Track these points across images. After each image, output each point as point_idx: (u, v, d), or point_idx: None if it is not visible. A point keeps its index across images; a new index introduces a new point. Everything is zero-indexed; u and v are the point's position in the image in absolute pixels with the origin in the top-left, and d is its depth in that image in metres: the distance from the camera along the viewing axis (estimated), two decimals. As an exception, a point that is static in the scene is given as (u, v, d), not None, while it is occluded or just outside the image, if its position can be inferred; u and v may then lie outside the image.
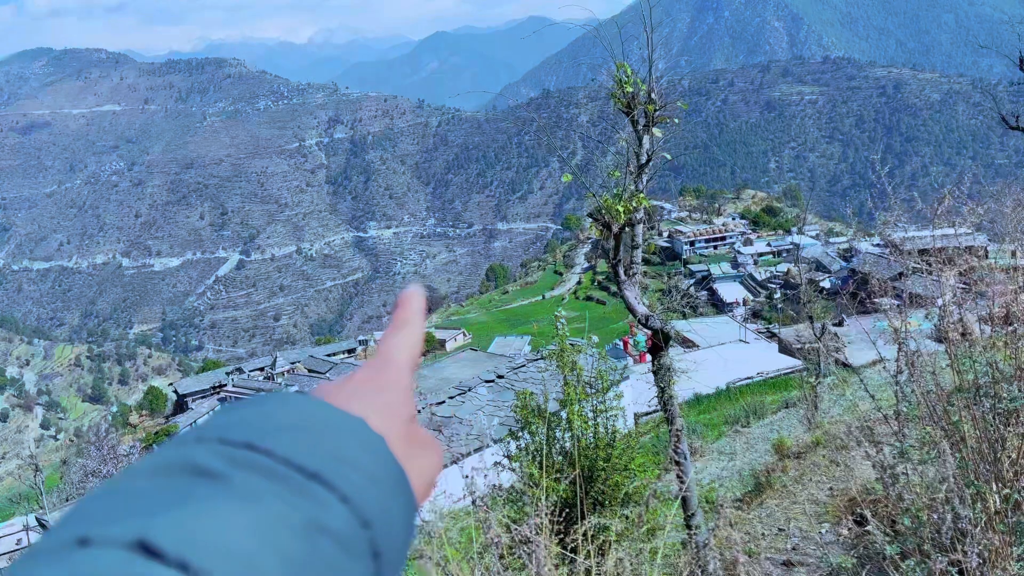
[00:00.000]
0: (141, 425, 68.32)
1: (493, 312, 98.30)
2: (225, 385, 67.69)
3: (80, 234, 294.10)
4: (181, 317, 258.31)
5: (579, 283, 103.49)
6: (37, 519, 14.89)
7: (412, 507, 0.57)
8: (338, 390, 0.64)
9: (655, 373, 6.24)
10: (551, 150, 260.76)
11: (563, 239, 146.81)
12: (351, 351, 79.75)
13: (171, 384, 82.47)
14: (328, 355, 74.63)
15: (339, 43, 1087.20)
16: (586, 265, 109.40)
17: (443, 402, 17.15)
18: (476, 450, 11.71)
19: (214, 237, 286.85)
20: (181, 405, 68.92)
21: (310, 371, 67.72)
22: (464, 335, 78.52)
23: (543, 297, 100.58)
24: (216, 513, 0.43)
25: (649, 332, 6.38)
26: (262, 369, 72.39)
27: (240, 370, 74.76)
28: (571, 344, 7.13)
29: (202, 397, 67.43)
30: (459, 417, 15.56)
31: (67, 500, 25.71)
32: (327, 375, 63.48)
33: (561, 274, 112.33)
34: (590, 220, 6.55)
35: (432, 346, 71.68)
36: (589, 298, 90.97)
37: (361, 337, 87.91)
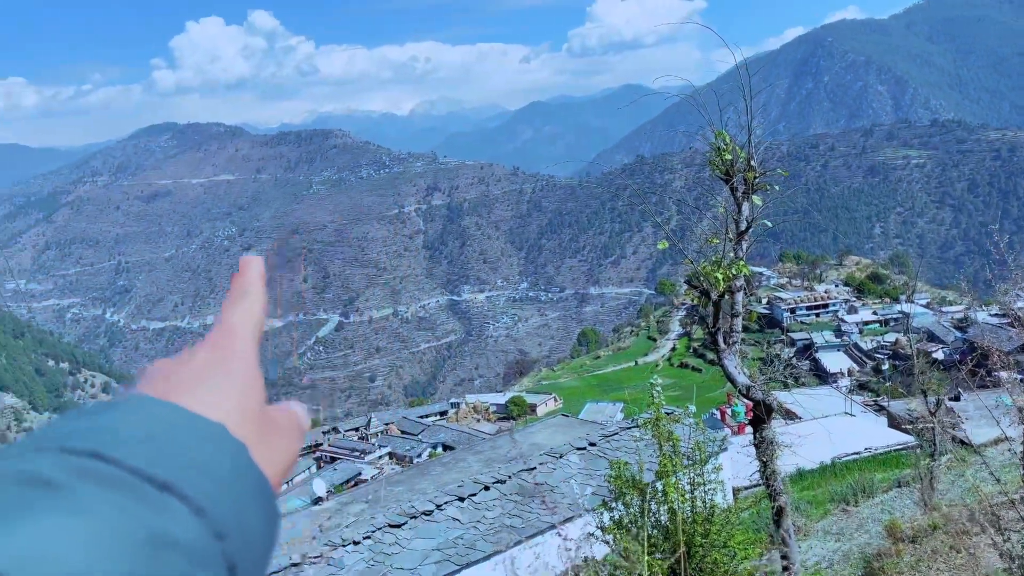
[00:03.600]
0: (241, 481, 70.18)
1: (585, 377, 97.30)
2: (321, 444, 69.12)
3: (193, 296, 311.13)
4: (282, 376, 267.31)
5: (673, 349, 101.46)
6: None
7: (275, 515, 0.54)
8: (181, 376, 0.59)
9: (757, 446, 6.00)
10: (646, 215, 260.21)
11: (656, 304, 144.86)
12: (443, 413, 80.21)
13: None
14: (421, 417, 75.29)
15: (439, 114, 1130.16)
16: (681, 331, 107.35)
17: (534, 468, 16.96)
18: (568, 519, 11.47)
19: (316, 299, 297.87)
20: (279, 462, 70.63)
21: (403, 432, 68.47)
22: (555, 400, 77.89)
23: (636, 363, 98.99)
24: (50, 528, 0.40)
25: (750, 403, 6.16)
26: (357, 429, 73.59)
27: (336, 430, 76.20)
28: (667, 413, 6.96)
29: (299, 456, 68.96)
30: (550, 485, 15.33)
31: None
32: (419, 437, 64.02)
33: (655, 340, 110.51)
34: (687, 286, 6.46)
35: (523, 410, 71.41)
36: (684, 365, 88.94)
37: (453, 399, 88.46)
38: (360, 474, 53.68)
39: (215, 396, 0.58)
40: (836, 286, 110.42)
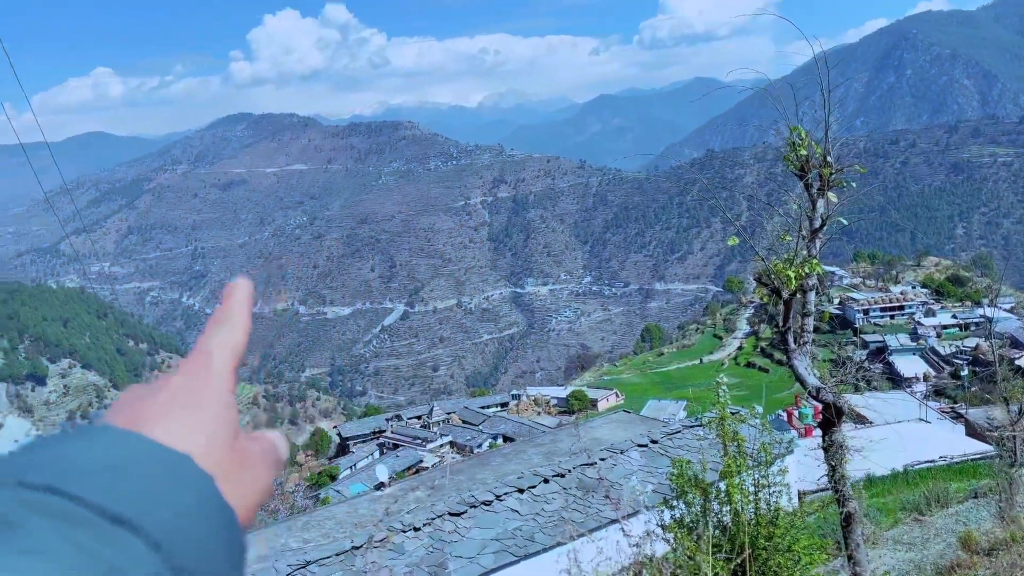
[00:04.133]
0: (306, 465, 72.13)
1: (647, 374, 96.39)
2: (384, 431, 70.39)
3: (265, 282, 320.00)
4: (348, 363, 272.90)
5: (740, 348, 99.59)
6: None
7: (240, 547, 0.53)
8: (153, 404, 0.58)
9: (826, 450, 5.84)
10: (715, 211, 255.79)
11: (724, 302, 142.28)
12: (504, 405, 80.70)
13: (335, 427, 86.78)
14: (482, 407, 75.91)
15: (507, 107, 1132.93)
16: (748, 330, 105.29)
17: (594, 463, 16.90)
18: (628, 516, 11.39)
19: (382, 288, 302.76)
20: (343, 448, 72.26)
21: (464, 422, 69.13)
22: (617, 396, 77.44)
23: (701, 361, 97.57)
24: (1, 568, 0.39)
25: (820, 405, 6.00)
26: (419, 417, 74.68)
27: (399, 417, 77.54)
28: (733, 412, 6.85)
29: (363, 441, 70.42)
30: (610, 480, 15.25)
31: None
32: (480, 427, 64.53)
33: (721, 338, 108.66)
34: (756, 284, 6.32)
35: (584, 405, 71.22)
36: (750, 364, 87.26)
37: (514, 391, 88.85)
38: (421, 461, 54.52)
39: (184, 426, 0.56)
40: (913, 287, 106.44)
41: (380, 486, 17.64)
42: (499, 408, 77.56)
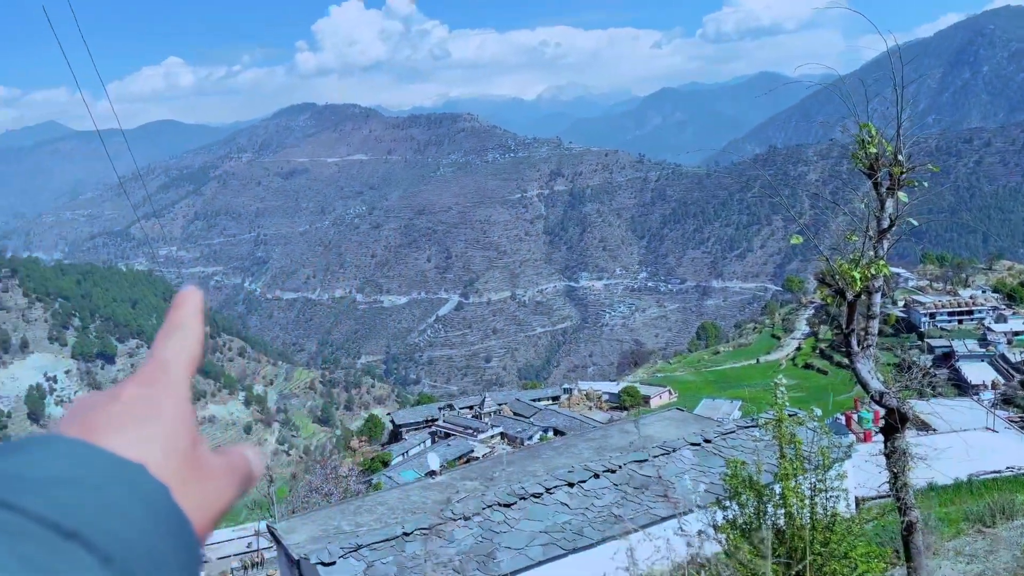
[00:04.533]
0: (360, 450, 73.40)
1: (702, 372, 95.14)
2: (437, 420, 71.11)
3: (324, 270, 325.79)
4: (403, 351, 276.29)
5: (798, 349, 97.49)
6: (268, 527, 16.40)
7: (195, 559, 0.52)
8: (106, 413, 0.56)
9: (888, 456, 5.70)
10: (777, 208, 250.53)
11: (783, 301, 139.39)
12: (555, 398, 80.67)
13: (389, 414, 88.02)
14: (533, 400, 76.02)
15: (566, 99, 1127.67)
16: (807, 331, 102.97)
17: (646, 460, 16.79)
18: (680, 514, 11.30)
19: (438, 279, 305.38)
20: (396, 434, 73.27)
21: (515, 414, 69.38)
22: (670, 393, 76.64)
23: (757, 361, 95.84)
24: None
25: (880, 410, 5.84)
26: (471, 408, 75.19)
27: (451, 407, 78.20)
28: (790, 414, 6.73)
29: (415, 429, 71.28)
30: (662, 478, 15.14)
31: (292, 512, 28.12)
32: (531, 420, 64.66)
33: (779, 338, 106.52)
34: (819, 284, 6.18)
35: (636, 401, 70.70)
36: (808, 366, 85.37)
37: (566, 385, 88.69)
38: (472, 451, 54.94)
39: (139, 435, 0.55)
40: (983, 292, 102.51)
41: (431, 474, 17.86)
42: (550, 401, 77.54)
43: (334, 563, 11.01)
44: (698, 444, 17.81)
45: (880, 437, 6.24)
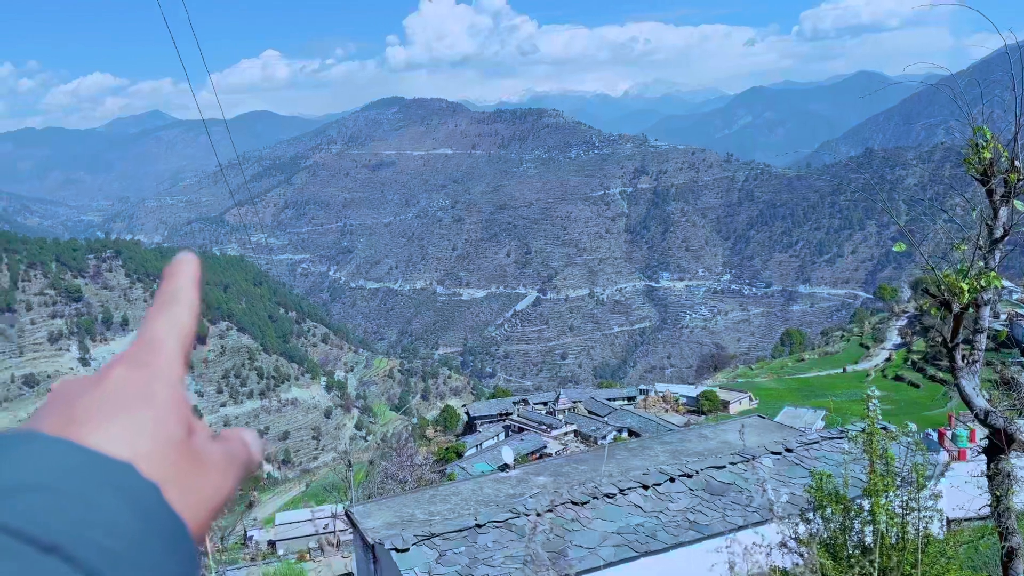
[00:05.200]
0: (435, 440, 74.45)
1: (785, 379, 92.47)
2: (511, 414, 71.49)
3: (406, 261, 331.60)
4: (479, 344, 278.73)
5: (889, 360, 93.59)
6: (345, 510, 16.82)
7: (190, 561, 0.47)
8: (89, 402, 0.50)
9: (990, 478, 5.38)
10: (870, 212, 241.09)
11: (873, 310, 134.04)
12: (631, 399, 79.84)
13: (464, 406, 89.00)
14: (608, 399, 75.50)
15: (653, 96, 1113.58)
16: (899, 341, 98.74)
17: (723, 467, 16.43)
18: (759, 524, 11.01)
19: (517, 274, 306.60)
20: (471, 426, 74.05)
21: (590, 412, 69.06)
22: (750, 399, 74.80)
23: (844, 370, 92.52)
24: None
25: (983, 429, 5.53)
26: (545, 404, 75.24)
27: (525, 401, 78.41)
28: (882, 427, 6.46)
29: (489, 422, 71.84)
30: (739, 486, 14.78)
31: (368, 497, 28.77)
32: (606, 419, 64.26)
33: (868, 348, 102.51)
34: (921, 294, 5.90)
35: (715, 406, 69.32)
36: (899, 378, 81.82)
37: (643, 386, 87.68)
38: (545, 447, 54.97)
39: (126, 427, 0.49)
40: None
41: (505, 467, 17.95)
42: (626, 401, 76.79)
43: (407, 550, 11.19)
44: (779, 453, 17.32)
45: (980, 457, 5.92)
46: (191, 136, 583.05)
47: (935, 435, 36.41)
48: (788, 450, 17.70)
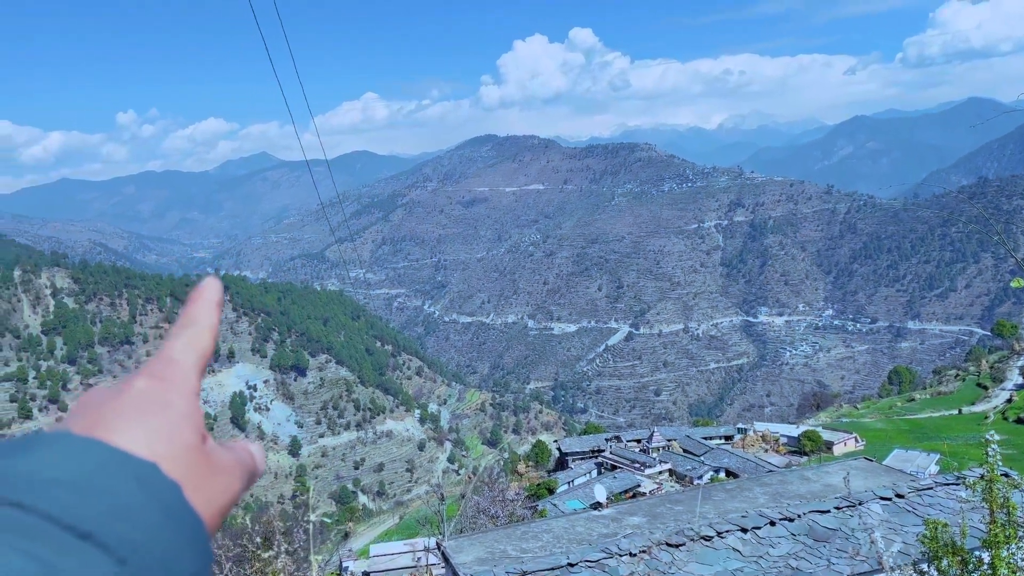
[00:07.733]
0: (526, 475, 74.07)
1: (894, 420, 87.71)
2: (603, 451, 70.46)
3: (498, 295, 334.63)
4: (571, 379, 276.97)
5: (1009, 401, 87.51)
6: (437, 544, 16.91)
7: (206, 557, 0.52)
8: (115, 408, 0.56)
9: None
10: (987, 245, 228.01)
11: (991, 347, 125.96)
12: (728, 438, 77.33)
13: (555, 441, 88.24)
14: (704, 438, 73.39)
15: (748, 128, 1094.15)
16: (1020, 381, 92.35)
17: (828, 511, 15.67)
18: (866, 573, 10.43)
19: (608, 308, 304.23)
20: (562, 462, 73.34)
21: (685, 451, 67.29)
22: (856, 440, 71.23)
23: (959, 412, 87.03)
24: None
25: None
26: (639, 441, 73.79)
27: (618, 438, 77.12)
28: (1003, 474, 6.04)
29: (581, 459, 70.99)
30: (845, 532, 14.05)
31: (460, 531, 28.82)
32: (702, 458, 62.52)
33: (986, 388, 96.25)
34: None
35: (817, 447, 66.35)
36: (1021, 421, 76.34)
37: (741, 425, 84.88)
38: (639, 486, 53.81)
39: (149, 431, 0.55)
40: None
41: (597, 506, 17.68)
42: (723, 440, 74.41)
43: (499, 586, 11.12)
44: (889, 499, 16.40)
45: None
46: (295, 176, 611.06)
47: (1065, 484, 33.71)
48: (899, 496, 16.74)
